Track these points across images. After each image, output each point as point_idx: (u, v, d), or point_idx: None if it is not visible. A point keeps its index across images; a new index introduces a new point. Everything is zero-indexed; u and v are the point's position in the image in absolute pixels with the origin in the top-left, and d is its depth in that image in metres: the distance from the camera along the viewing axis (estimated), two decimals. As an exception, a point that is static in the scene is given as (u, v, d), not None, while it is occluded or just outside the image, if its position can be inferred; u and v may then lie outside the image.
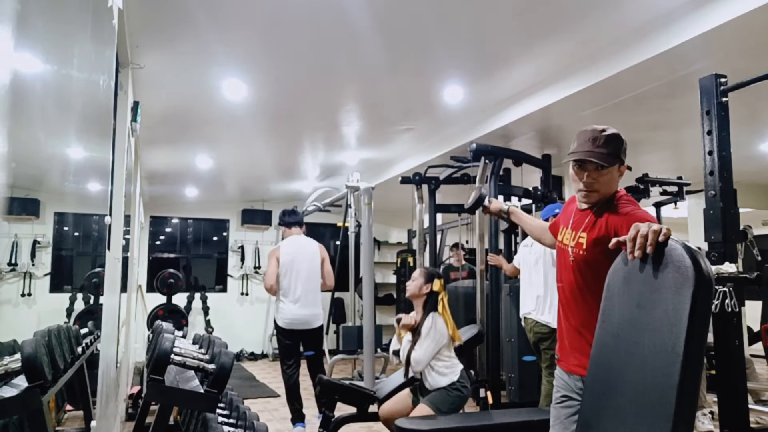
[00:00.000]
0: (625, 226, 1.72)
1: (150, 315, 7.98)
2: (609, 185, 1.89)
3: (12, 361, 1.38)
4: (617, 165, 1.88)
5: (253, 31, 3.44)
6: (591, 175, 1.87)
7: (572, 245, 1.93)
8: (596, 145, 1.86)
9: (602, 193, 1.89)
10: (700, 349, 1.27)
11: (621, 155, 1.89)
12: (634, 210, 1.82)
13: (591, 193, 1.89)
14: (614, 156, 1.86)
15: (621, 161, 1.89)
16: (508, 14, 3.22)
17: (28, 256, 1.70)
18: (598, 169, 1.86)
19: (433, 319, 3.27)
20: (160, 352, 2.26)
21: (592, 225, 1.88)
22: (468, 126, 5.20)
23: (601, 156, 1.84)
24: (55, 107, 1.51)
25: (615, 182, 1.91)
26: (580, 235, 1.90)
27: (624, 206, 1.85)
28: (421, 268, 3.65)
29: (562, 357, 1.99)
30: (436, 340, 3.21)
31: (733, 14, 2.84)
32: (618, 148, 1.88)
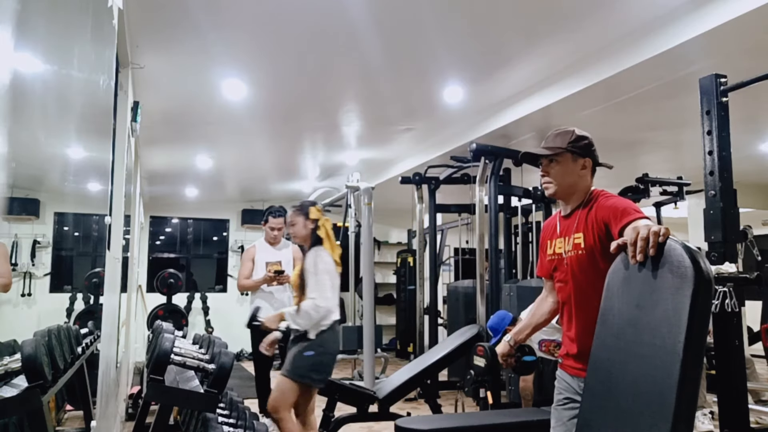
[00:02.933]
0: (611, 216, 1.80)
1: (150, 315, 7.98)
2: (564, 176, 1.97)
3: (12, 361, 1.38)
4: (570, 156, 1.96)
5: (253, 31, 3.44)
6: (545, 167, 2.00)
7: (568, 249, 1.95)
8: (546, 142, 2.03)
9: (559, 185, 1.97)
10: (699, 349, 1.27)
11: (569, 145, 1.97)
12: (617, 201, 1.87)
13: (547, 184, 2.00)
14: (558, 147, 1.97)
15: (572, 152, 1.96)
16: (508, 14, 3.22)
17: (28, 256, 1.70)
18: (550, 162, 1.98)
19: (316, 252, 3.08)
20: (160, 352, 2.26)
21: (584, 224, 1.90)
22: (468, 126, 5.20)
23: (541, 149, 2.00)
24: (55, 107, 1.51)
25: (573, 175, 1.97)
26: (576, 236, 1.92)
27: (606, 199, 1.90)
28: (291, 209, 3.34)
29: (565, 360, 1.99)
30: (329, 272, 3.02)
31: (733, 14, 2.84)
32: (565, 140, 1.98)
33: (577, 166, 1.97)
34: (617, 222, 1.75)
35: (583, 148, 1.98)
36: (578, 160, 1.97)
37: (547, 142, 2.02)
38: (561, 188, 1.98)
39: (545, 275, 2.14)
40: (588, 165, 1.99)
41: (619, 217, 1.76)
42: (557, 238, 2.02)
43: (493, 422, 2.72)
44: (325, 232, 3.14)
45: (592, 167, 2.01)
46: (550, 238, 2.07)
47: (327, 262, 3.05)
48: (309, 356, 2.99)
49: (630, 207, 1.80)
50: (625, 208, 1.79)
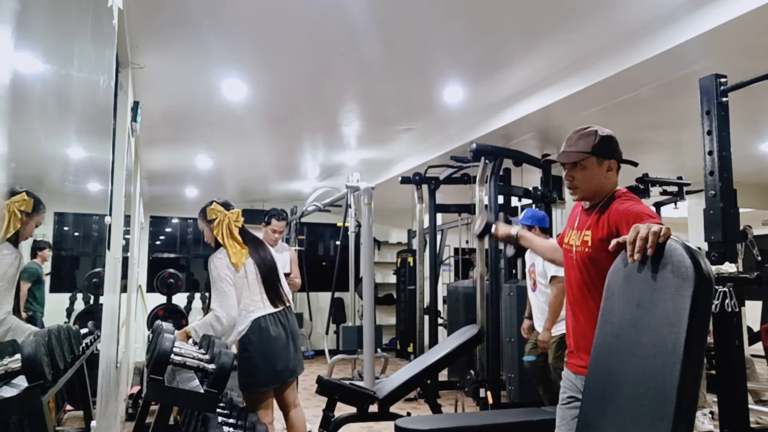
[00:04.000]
0: (623, 222, 1.77)
1: (150, 315, 7.97)
2: (589, 180, 1.94)
3: (12, 361, 1.38)
4: (595, 159, 1.93)
5: (253, 32, 3.44)
6: (569, 172, 1.96)
7: (578, 244, 1.95)
8: (569, 144, 1.98)
9: (585, 189, 1.95)
10: (700, 349, 1.27)
11: (593, 149, 1.93)
12: (632, 205, 1.85)
13: (573, 189, 1.98)
14: (583, 152, 1.93)
15: (597, 155, 1.93)
16: (508, 14, 3.22)
17: (28, 256, 1.70)
18: (575, 167, 1.94)
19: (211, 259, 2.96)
20: (160, 352, 2.26)
21: (596, 223, 1.90)
22: (468, 126, 5.20)
23: (566, 154, 1.96)
24: (55, 107, 1.51)
25: (598, 178, 1.94)
26: (585, 234, 1.92)
27: (623, 202, 1.88)
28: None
29: (570, 358, 1.99)
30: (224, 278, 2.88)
31: (733, 14, 2.84)
32: (590, 143, 1.93)
33: (602, 168, 1.93)
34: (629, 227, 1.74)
35: (607, 149, 1.95)
36: (603, 162, 1.93)
37: (569, 144, 1.97)
38: (588, 192, 1.95)
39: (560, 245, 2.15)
40: (613, 166, 1.96)
41: (631, 222, 1.72)
42: (574, 229, 2.02)
43: (493, 422, 2.72)
44: (221, 231, 3.01)
45: (617, 167, 1.98)
46: (570, 226, 2.06)
47: (219, 267, 2.94)
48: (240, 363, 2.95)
49: (644, 212, 1.77)
50: (638, 212, 1.77)
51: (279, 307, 3.06)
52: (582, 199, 1.99)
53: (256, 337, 2.95)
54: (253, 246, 3.12)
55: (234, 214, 3.07)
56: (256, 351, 2.94)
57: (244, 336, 2.97)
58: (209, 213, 3.06)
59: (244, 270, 3.01)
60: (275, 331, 2.99)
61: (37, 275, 2.02)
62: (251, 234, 3.18)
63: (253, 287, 3.02)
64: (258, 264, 3.07)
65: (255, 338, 2.95)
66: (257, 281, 3.04)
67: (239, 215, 3.09)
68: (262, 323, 2.97)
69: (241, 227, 3.10)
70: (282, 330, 3.02)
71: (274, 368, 2.96)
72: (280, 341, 2.99)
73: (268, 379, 2.97)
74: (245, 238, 3.09)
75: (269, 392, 3.03)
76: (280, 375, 2.99)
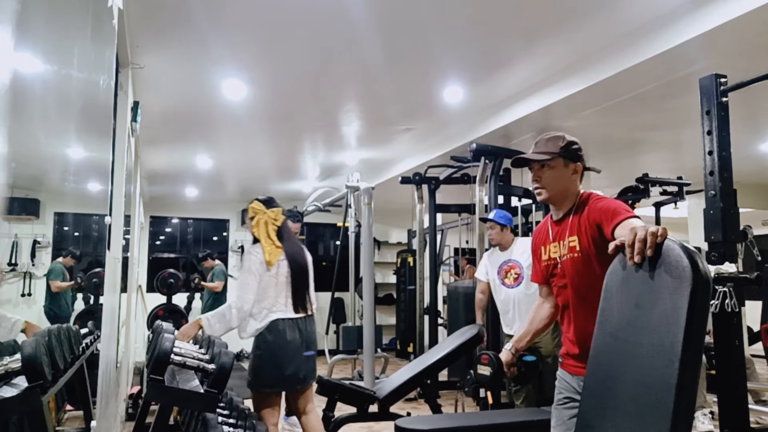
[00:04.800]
0: (603, 218, 1.83)
1: (150, 315, 7.98)
2: (556, 182, 1.98)
3: (12, 361, 1.38)
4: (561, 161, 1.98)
5: (253, 31, 3.44)
6: (537, 173, 2.01)
7: (564, 252, 1.96)
8: (537, 147, 2.03)
9: (551, 190, 1.99)
10: (698, 349, 1.27)
11: (561, 151, 1.98)
12: (608, 202, 1.90)
13: (540, 189, 2.01)
14: (549, 153, 1.98)
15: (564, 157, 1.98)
16: (508, 14, 3.22)
17: (28, 256, 1.70)
18: (542, 167, 1.99)
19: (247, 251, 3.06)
20: (160, 352, 2.26)
21: (577, 227, 1.92)
22: (468, 126, 5.20)
23: (534, 155, 2.01)
24: (55, 107, 1.51)
25: (564, 180, 1.99)
26: (570, 240, 1.94)
27: (598, 200, 1.93)
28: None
29: (565, 359, 1.99)
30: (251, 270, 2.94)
31: (733, 14, 2.84)
32: (557, 145, 1.99)
33: (568, 170, 2.00)
34: (609, 222, 1.79)
35: (573, 152, 2.01)
36: (569, 164, 2.00)
37: (538, 147, 2.04)
38: (554, 193, 2.00)
39: (541, 281, 2.16)
40: (579, 170, 2.02)
41: (611, 217, 1.79)
42: (551, 243, 2.05)
43: (493, 422, 2.72)
44: (258, 229, 3.06)
45: (581, 172, 2.04)
46: (543, 243, 2.09)
47: (252, 260, 2.98)
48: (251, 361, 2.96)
49: (620, 207, 1.83)
50: (615, 208, 1.82)
51: (300, 313, 3.06)
52: (547, 200, 2.02)
53: (270, 338, 2.95)
54: (290, 247, 3.14)
55: (274, 213, 3.12)
56: (268, 351, 2.94)
57: (259, 335, 2.98)
58: (249, 210, 3.16)
59: (276, 269, 3.03)
60: (291, 336, 2.98)
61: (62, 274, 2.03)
62: (290, 234, 3.22)
63: (280, 288, 3.04)
64: (291, 266, 3.09)
65: (270, 338, 2.95)
66: (286, 283, 3.06)
67: (279, 214, 3.14)
68: (279, 325, 2.97)
69: (279, 226, 3.13)
70: (298, 336, 3.01)
71: (281, 372, 2.94)
72: (293, 347, 2.98)
73: (273, 381, 2.96)
74: (282, 238, 3.12)
75: (275, 394, 3.01)
76: (287, 380, 2.98)
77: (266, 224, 3.08)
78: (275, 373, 2.94)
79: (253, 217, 3.13)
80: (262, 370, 2.94)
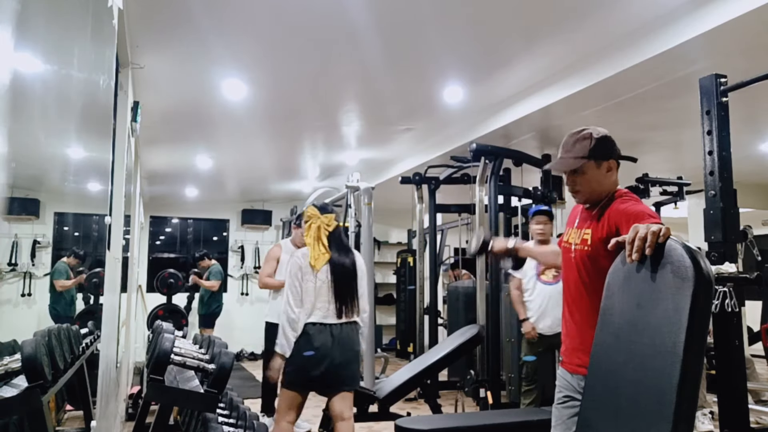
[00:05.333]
0: (623, 221, 1.77)
1: (150, 315, 7.97)
2: (590, 183, 1.94)
3: (12, 361, 1.38)
4: (593, 162, 1.93)
5: (253, 31, 3.44)
6: (570, 177, 1.97)
7: (577, 242, 1.95)
8: (565, 151, 1.98)
9: (586, 192, 1.96)
10: (699, 349, 1.27)
11: (590, 153, 1.93)
12: (632, 205, 1.86)
13: (575, 193, 1.99)
14: (580, 158, 1.93)
15: (595, 158, 1.93)
16: (508, 14, 3.22)
17: (28, 256, 1.70)
18: (575, 173, 1.95)
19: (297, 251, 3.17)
20: (160, 352, 2.26)
21: (596, 222, 1.90)
22: (468, 126, 5.20)
23: (563, 163, 1.97)
24: (55, 107, 1.51)
25: (598, 179, 1.94)
26: (585, 232, 1.93)
27: (624, 201, 1.89)
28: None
29: (566, 358, 1.99)
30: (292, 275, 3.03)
31: (733, 14, 2.84)
32: (586, 148, 1.93)
33: (602, 170, 1.94)
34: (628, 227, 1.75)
35: (604, 150, 1.95)
36: (602, 164, 1.94)
37: (566, 150, 1.97)
38: (590, 194, 1.96)
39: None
40: (613, 166, 1.96)
41: (631, 221, 1.72)
42: (574, 228, 2.03)
43: (493, 422, 2.72)
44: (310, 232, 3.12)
45: (617, 165, 1.99)
46: (571, 225, 2.07)
47: (292, 265, 3.06)
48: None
49: (644, 212, 1.78)
50: (638, 212, 1.78)
51: (342, 318, 3.05)
52: (585, 202, 2.00)
53: (302, 339, 2.99)
54: (338, 251, 3.15)
55: (327, 218, 3.15)
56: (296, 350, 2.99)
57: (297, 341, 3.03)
58: (304, 215, 3.21)
59: (319, 274, 3.06)
60: (319, 340, 2.98)
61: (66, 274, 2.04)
62: (341, 240, 3.22)
63: (322, 292, 3.05)
64: (334, 270, 3.09)
65: (301, 339, 2.99)
66: (328, 287, 3.06)
67: (332, 220, 3.17)
68: (311, 328, 2.99)
69: (331, 231, 3.16)
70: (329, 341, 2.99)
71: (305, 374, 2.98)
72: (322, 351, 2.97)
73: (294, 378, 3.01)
74: (331, 244, 3.14)
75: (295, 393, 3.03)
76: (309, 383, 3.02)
77: (318, 229, 3.12)
78: (297, 374, 2.99)
79: (307, 221, 3.17)
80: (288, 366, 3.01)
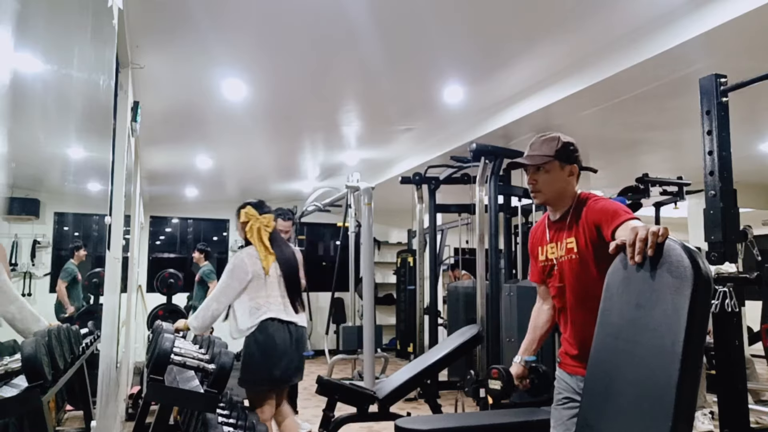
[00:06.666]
0: (602, 219, 1.82)
1: (150, 315, 7.97)
2: (552, 184, 1.98)
3: (12, 361, 1.38)
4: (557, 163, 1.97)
5: (253, 31, 3.44)
6: (533, 176, 2.01)
7: (561, 254, 1.96)
8: (533, 149, 2.02)
9: (548, 192, 1.99)
10: (699, 349, 1.27)
11: (556, 153, 1.97)
12: (606, 203, 1.89)
13: (536, 192, 2.02)
14: (545, 156, 1.97)
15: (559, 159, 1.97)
16: (508, 14, 3.22)
17: (28, 256, 1.70)
18: (538, 170, 1.99)
19: (234, 255, 3.09)
20: (160, 352, 2.26)
21: (575, 228, 1.92)
22: (468, 126, 5.20)
23: (530, 158, 2.00)
24: (55, 107, 1.51)
25: (560, 182, 1.98)
26: (568, 241, 1.94)
27: (597, 201, 1.92)
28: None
29: (563, 359, 1.99)
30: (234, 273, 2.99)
31: (733, 14, 2.84)
32: (552, 148, 1.98)
33: (564, 172, 1.99)
34: (609, 224, 1.77)
35: (569, 154, 2.00)
36: (565, 166, 1.99)
37: (533, 149, 2.03)
38: (550, 195, 2.00)
39: (538, 281, 2.16)
40: (575, 171, 2.01)
41: (611, 218, 1.78)
42: (548, 243, 2.05)
43: (493, 422, 2.72)
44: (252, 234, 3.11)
45: (578, 173, 2.03)
46: (540, 244, 2.09)
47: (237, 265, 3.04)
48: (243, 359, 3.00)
49: (620, 209, 1.82)
50: (615, 210, 1.81)
51: (294, 315, 3.11)
52: (544, 202, 2.02)
53: (261, 337, 2.99)
54: (281, 251, 3.21)
55: (266, 219, 3.18)
56: (259, 351, 2.98)
57: (250, 334, 3.01)
58: (242, 215, 3.19)
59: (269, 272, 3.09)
60: (281, 337, 3.02)
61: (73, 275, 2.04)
62: (280, 238, 3.29)
63: (272, 288, 3.08)
64: (283, 269, 3.15)
65: (260, 338, 2.99)
66: (278, 283, 3.11)
67: (270, 220, 3.20)
68: (269, 327, 3.01)
69: (271, 232, 3.20)
70: (288, 337, 3.05)
71: (272, 372, 2.99)
72: (283, 347, 3.02)
73: (265, 379, 3.01)
74: (273, 243, 3.19)
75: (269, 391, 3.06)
76: (277, 380, 3.04)
77: (259, 231, 3.14)
78: (265, 373, 2.98)
79: (246, 222, 3.16)
80: (257, 368, 2.99)
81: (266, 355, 2.98)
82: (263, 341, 2.98)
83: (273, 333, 3.00)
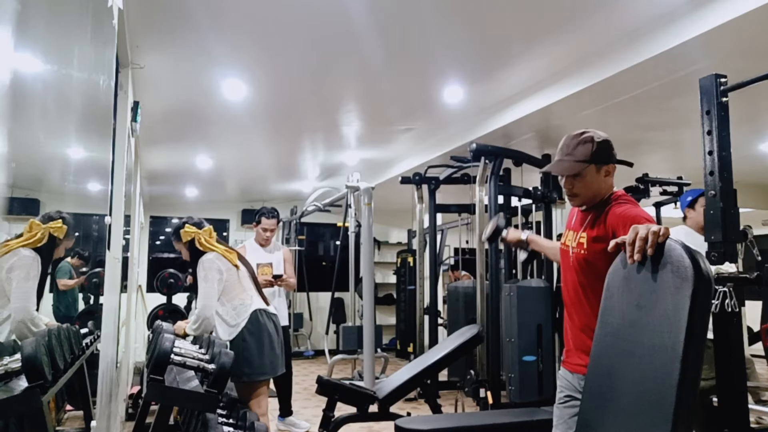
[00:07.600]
0: (620, 225, 1.79)
1: (150, 315, 7.97)
2: (588, 187, 1.95)
3: (12, 361, 1.38)
4: (594, 167, 1.93)
5: (253, 31, 3.44)
6: (568, 181, 1.97)
7: (574, 245, 1.96)
8: (565, 153, 1.97)
9: (584, 196, 1.96)
10: (699, 349, 1.27)
11: (592, 158, 1.93)
12: (628, 208, 1.86)
13: (573, 197, 1.99)
14: (582, 161, 1.92)
15: (596, 162, 1.93)
16: (508, 14, 3.22)
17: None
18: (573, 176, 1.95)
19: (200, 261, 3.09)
20: (160, 352, 2.26)
21: (591, 225, 1.91)
22: (468, 126, 5.20)
23: (564, 166, 1.95)
24: (55, 107, 1.51)
25: (597, 183, 1.95)
26: (581, 235, 1.93)
27: (620, 205, 1.89)
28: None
29: (566, 357, 2.00)
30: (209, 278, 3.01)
31: (733, 14, 2.84)
32: (588, 151, 1.93)
33: (600, 174, 1.95)
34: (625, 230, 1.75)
35: (606, 155, 1.95)
36: (602, 168, 1.95)
37: (566, 153, 1.97)
38: (587, 198, 1.97)
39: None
40: (611, 170, 1.98)
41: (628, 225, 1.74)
42: (571, 230, 2.04)
43: (493, 422, 2.72)
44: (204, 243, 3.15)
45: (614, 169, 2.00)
46: (568, 226, 2.08)
47: (207, 269, 3.07)
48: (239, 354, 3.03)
49: (640, 216, 1.79)
50: (635, 216, 1.79)
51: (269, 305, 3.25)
52: (581, 204, 2.01)
53: (254, 328, 3.09)
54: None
55: (207, 231, 3.23)
56: (254, 341, 3.07)
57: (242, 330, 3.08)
58: (183, 235, 3.19)
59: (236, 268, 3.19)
60: (271, 327, 3.16)
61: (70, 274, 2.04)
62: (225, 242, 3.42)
63: (246, 283, 3.20)
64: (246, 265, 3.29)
65: (254, 329, 3.08)
66: (249, 279, 3.24)
67: (211, 232, 3.26)
68: (259, 316, 3.13)
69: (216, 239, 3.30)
70: (274, 327, 3.19)
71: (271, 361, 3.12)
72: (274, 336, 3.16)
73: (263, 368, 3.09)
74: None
75: (264, 382, 3.14)
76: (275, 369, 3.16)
77: (210, 237, 3.21)
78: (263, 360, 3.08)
79: (190, 239, 3.17)
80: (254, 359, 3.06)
81: (262, 345, 3.08)
82: (257, 332, 3.08)
83: (264, 323, 3.12)
